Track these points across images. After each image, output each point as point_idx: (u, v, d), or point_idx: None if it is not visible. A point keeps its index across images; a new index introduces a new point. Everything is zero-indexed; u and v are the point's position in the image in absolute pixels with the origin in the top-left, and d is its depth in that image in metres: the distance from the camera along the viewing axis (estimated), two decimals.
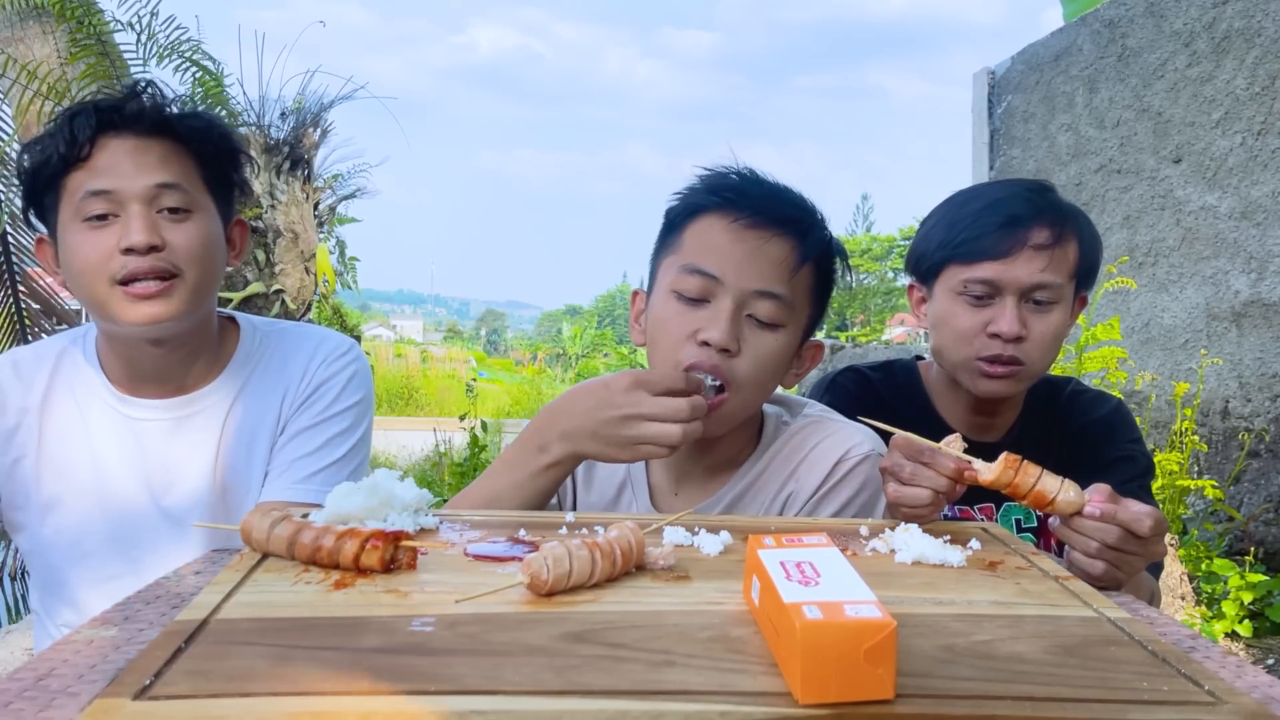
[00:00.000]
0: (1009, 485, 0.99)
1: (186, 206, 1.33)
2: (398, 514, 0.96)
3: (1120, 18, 4.52)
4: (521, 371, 21.42)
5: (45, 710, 0.58)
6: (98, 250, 1.28)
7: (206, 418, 1.44)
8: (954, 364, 1.44)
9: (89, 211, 1.28)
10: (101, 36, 3.25)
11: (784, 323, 1.17)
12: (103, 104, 1.31)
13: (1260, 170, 3.81)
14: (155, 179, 1.30)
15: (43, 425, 1.41)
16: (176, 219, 1.32)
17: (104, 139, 1.29)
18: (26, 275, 4.03)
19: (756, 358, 1.16)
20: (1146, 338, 4.37)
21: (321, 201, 5.61)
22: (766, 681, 0.62)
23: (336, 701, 0.57)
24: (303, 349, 1.49)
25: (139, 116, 1.31)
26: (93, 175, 1.28)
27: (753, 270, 1.15)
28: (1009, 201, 1.40)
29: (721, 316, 1.14)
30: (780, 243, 1.16)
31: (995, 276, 1.36)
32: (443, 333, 53.31)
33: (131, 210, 1.28)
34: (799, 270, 1.17)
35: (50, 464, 1.41)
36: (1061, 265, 1.37)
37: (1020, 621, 0.76)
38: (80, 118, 1.28)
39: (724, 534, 0.96)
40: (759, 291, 1.15)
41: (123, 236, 1.27)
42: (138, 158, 1.30)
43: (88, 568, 1.42)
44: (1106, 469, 1.44)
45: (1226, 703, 0.62)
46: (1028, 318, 1.37)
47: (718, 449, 1.29)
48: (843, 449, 1.23)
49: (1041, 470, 1.00)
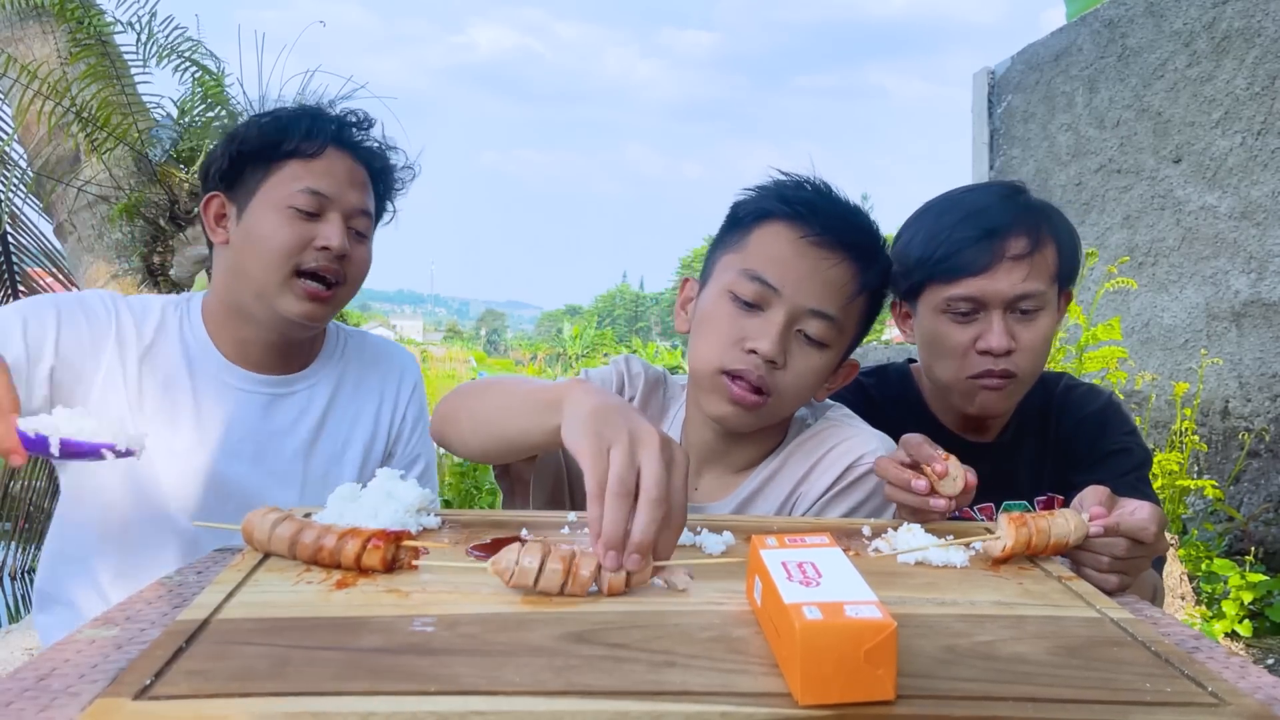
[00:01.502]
0: (1028, 546, 0.93)
1: (364, 230, 1.48)
2: (399, 514, 0.96)
3: (1120, 18, 4.52)
4: (522, 371, 21.42)
5: (46, 710, 0.58)
6: (298, 238, 1.40)
7: (297, 401, 1.53)
8: (946, 383, 1.43)
9: (300, 204, 1.40)
10: (102, 36, 3.24)
11: (831, 343, 1.18)
12: (344, 120, 1.48)
13: (1260, 170, 3.81)
14: (359, 203, 1.46)
15: (142, 375, 1.44)
16: (359, 240, 1.47)
17: (333, 147, 1.44)
18: (26, 275, 4.03)
19: (800, 373, 1.17)
20: (1146, 338, 4.37)
21: None
22: (767, 682, 0.62)
23: (337, 701, 0.57)
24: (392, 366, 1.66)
25: (361, 145, 1.48)
26: (315, 174, 1.41)
27: (811, 288, 1.15)
28: (983, 212, 1.38)
29: (772, 329, 1.14)
30: (843, 267, 1.16)
31: (978, 293, 1.35)
32: (443, 333, 53.32)
33: (335, 217, 1.42)
34: (857, 297, 1.17)
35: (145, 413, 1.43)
36: (1042, 271, 1.36)
37: (1022, 622, 0.76)
38: (322, 121, 1.44)
39: (726, 534, 0.96)
40: (814, 310, 1.15)
41: (325, 236, 1.40)
42: (352, 176, 1.45)
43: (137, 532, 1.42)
44: (1102, 463, 1.45)
45: (1230, 704, 0.62)
46: (1015, 328, 1.36)
47: (740, 450, 1.29)
48: (856, 454, 1.23)
49: (1047, 516, 0.96)
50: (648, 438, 0.82)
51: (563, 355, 24.04)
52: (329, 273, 1.42)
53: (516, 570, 0.76)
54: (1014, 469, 1.50)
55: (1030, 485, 1.51)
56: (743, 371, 1.15)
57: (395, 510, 0.96)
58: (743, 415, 1.18)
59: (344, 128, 1.47)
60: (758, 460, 1.29)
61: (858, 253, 1.17)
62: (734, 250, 1.20)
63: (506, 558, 0.77)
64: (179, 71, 3.33)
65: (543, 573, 0.76)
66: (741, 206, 1.23)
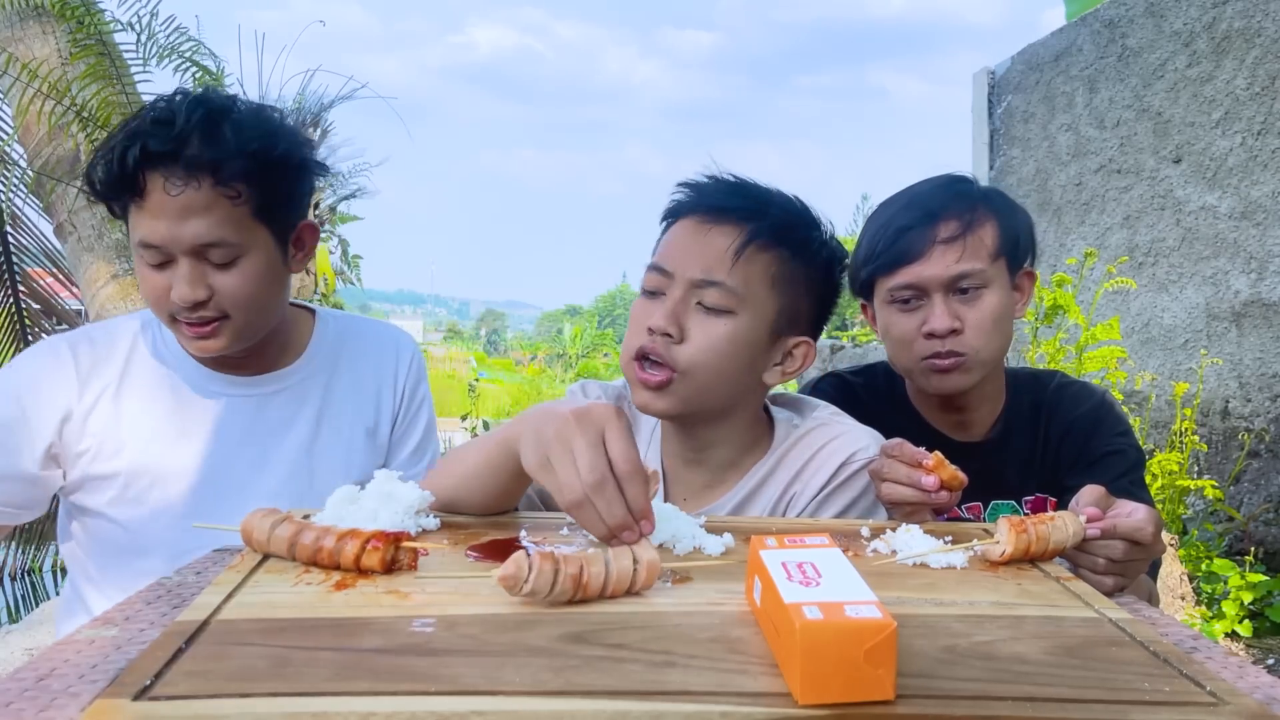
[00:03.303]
0: (1027, 552, 0.93)
1: (233, 255, 1.32)
2: (398, 515, 0.96)
3: (1120, 18, 4.52)
4: (521, 371, 21.43)
5: (46, 710, 0.58)
6: (154, 289, 1.32)
7: (291, 396, 1.49)
8: (905, 369, 1.47)
9: (144, 256, 1.31)
10: (102, 36, 3.25)
11: (733, 309, 1.19)
12: (152, 140, 1.26)
13: (1260, 170, 3.81)
14: (199, 237, 1.28)
15: (121, 404, 1.41)
16: (224, 268, 1.32)
17: (152, 176, 1.26)
18: (26, 275, 4.03)
19: (705, 345, 1.18)
20: (1146, 338, 4.37)
21: (322, 201, 5.61)
22: (767, 682, 0.62)
23: (336, 702, 0.57)
24: (385, 347, 1.60)
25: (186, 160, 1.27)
26: (145, 221, 1.28)
27: (697, 260, 1.19)
28: (915, 202, 1.43)
29: (667, 304, 1.19)
30: (725, 231, 1.20)
31: (914, 279, 1.39)
32: (443, 333, 53.31)
33: (181, 263, 1.30)
34: (742, 255, 1.19)
35: (131, 443, 1.41)
36: (978, 250, 1.38)
37: (1021, 622, 0.76)
38: (130, 152, 1.25)
39: (727, 535, 0.96)
40: (702, 280, 1.18)
41: (174, 290, 1.30)
42: (184, 206, 1.27)
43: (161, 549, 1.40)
44: (1095, 465, 1.44)
45: (1228, 704, 0.62)
46: (959, 309, 1.39)
47: (715, 451, 1.29)
48: (848, 452, 1.23)
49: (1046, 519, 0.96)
50: (567, 430, 0.87)
51: (563, 355, 24.03)
52: (193, 320, 1.32)
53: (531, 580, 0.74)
54: (1002, 468, 1.49)
55: (1018, 485, 1.51)
56: (644, 349, 1.19)
57: (394, 512, 0.96)
58: (656, 398, 1.20)
59: (154, 156, 1.25)
60: (743, 464, 1.29)
61: (739, 215, 1.21)
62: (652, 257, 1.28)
63: (517, 570, 0.74)
64: (179, 71, 3.34)
65: (555, 585, 0.75)
66: (661, 215, 1.30)
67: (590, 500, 0.85)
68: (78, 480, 1.41)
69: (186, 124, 1.26)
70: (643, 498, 0.86)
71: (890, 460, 1.14)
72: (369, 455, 1.55)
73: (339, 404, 1.53)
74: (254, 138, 1.30)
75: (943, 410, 1.51)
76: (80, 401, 1.40)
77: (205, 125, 1.28)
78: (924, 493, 1.10)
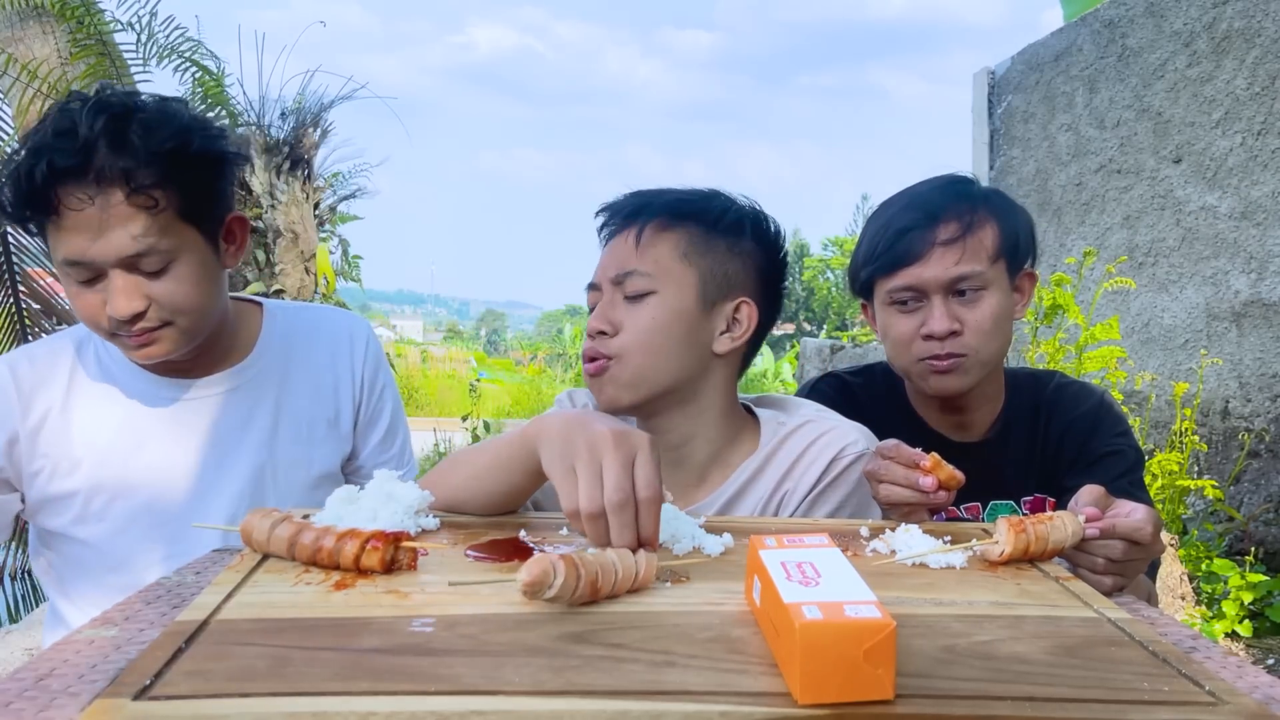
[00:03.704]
0: (1026, 552, 0.93)
1: (165, 262, 1.27)
2: (398, 515, 0.96)
3: (1120, 18, 4.52)
4: (522, 371, 21.43)
5: (45, 710, 0.58)
6: (88, 307, 1.27)
7: (245, 393, 1.46)
8: (904, 370, 1.48)
9: (71, 274, 1.25)
10: (102, 36, 3.25)
11: (651, 289, 1.25)
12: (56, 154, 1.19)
13: (1260, 170, 3.81)
14: (123, 249, 1.22)
15: (70, 420, 1.38)
16: (157, 275, 1.27)
17: (63, 191, 1.19)
18: (26, 275, 4.03)
19: (634, 327, 1.25)
20: (1146, 338, 4.37)
21: (322, 201, 5.61)
22: (767, 682, 0.62)
23: (336, 702, 0.57)
24: (339, 333, 1.57)
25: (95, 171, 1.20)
26: (64, 239, 1.22)
27: (610, 263, 1.28)
28: (915, 203, 1.43)
29: (597, 309, 1.28)
30: (627, 231, 1.28)
31: (914, 281, 1.39)
32: (443, 333, 53.31)
33: (111, 276, 1.24)
34: (642, 240, 1.26)
35: (86, 459, 1.38)
36: (978, 252, 1.39)
37: (1021, 622, 0.76)
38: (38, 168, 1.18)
39: (726, 536, 0.96)
40: (617, 276, 1.26)
41: (110, 304, 1.24)
42: (101, 218, 1.20)
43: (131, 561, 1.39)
44: (1095, 465, 1.44)
45: (1227, 703, 0.62)
46: (959, 310, 1.39)
47: (691, 447, 1.29)
48: (838, 447, 1.24)
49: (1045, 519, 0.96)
50: (602, 446, 0.88)
51: (563, 355, 24.03)
52: (134, 332, 1.28)
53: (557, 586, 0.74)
54: (1001, 468, 1.49)
55: (1017, 485, 1.51)
56: (586, 351, 1.28)
57: (394, 512, 0.96)
58: (602, 387, 1.26)
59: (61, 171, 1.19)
60: (725, 459, 1.30)
61: (634, 213, 1.29)
62: None
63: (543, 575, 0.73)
64: (179, 71, 3.34)
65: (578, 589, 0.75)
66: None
67: (607, 518, 0.86)
68: (37, 502, 1.39)
69: (90, 132, 1.20)
70: (654, 525, 0.88)
71: (887, 462, 1.14)
72: (332, 446, 1.52)
73: (296, 396, 1.49)
74: (164, 138, 1.24)
75: (942, 411, 1.51)
76: (25, 422, 1.36)
77: (110, 132, 1.21)
78: (922, 493, 1.10)
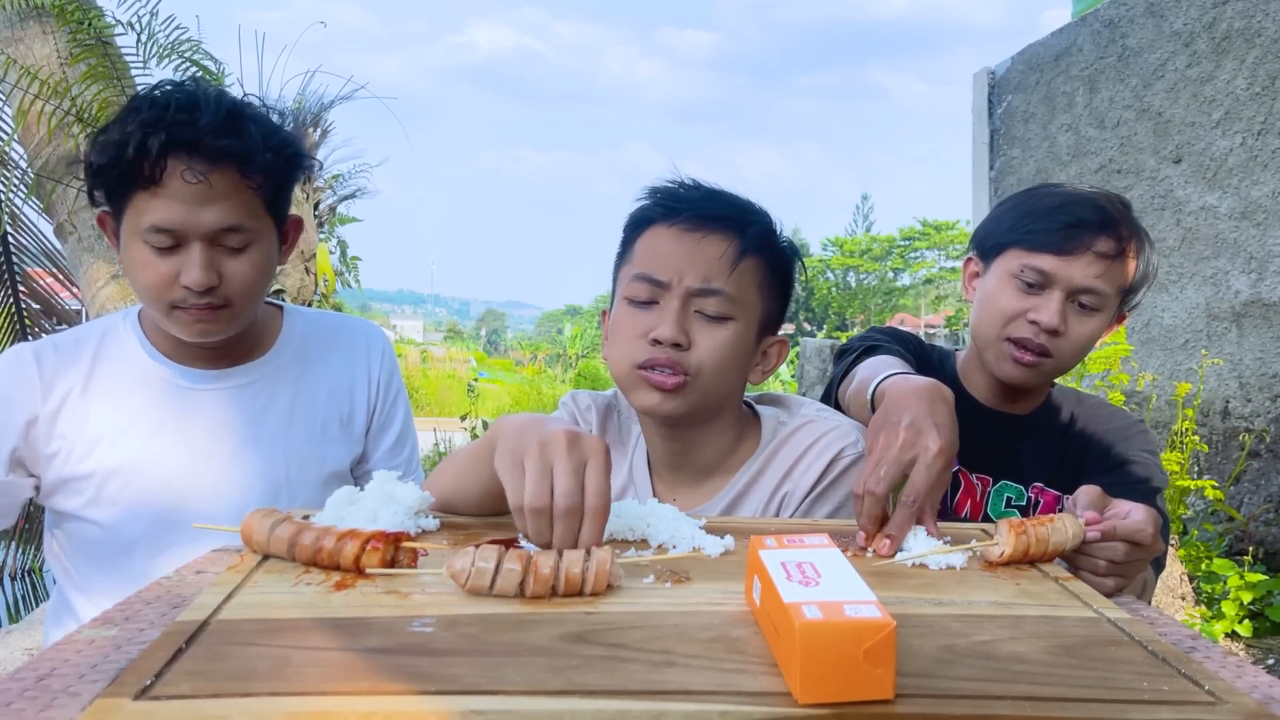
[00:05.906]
0: (1026, 553, 0.93)
1: (247, 242, 1.35)
2: (398, 516, 0.96)
3: (1120, 18, 4.52)
4: (522, 371, 21.42)
5: (46, 710, 0.58)
6: (159, 276, 1.32)
7: (263, 387, 1.49)
8: (985, 340, 1.48)
9: (153, 241, 1.30)
10: (102, 37, 3.25)
11: (732, 315, 1.21)
12: (177, 128, 1.27)
13: (1260, 170, 3.81)
14: (221, 220, 1.31)
15: (89, 404, 1.42)
16: (235, 254, 1.35)
17: (174, 162, 1.27)
18: (26, 275, 4.03)
19: (710, 350, 1.20)
20: (1146, 338, 4.37)
21: (322, 201, 5.61)
22: (767, 681, 0.62)
23: (336, 701, 0.57)
24: (356, 338, 1.61)
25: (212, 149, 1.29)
26: (159, 206, 1.28)
27: (694, 269, 1.19)
28: (1085, 205, 1.44)
29: (669, 315, 1.19)
30: (718, 240, 1.20)
31: (1051, 269, 1.40)
32: (443, 333, 53.28)
33: (193, 247, 1.31)
34: (739, 264, 1.20)
35: (102, 442, 1.41)
36: (1116, 276, 1.41)
37: (1020, 622, 0.77)
38: (152, 139, 1.26)
39: (727, 537, 0.96)
40: (702, 289, 1.19)
41: (183, 271, 1.31)
42: (205, 192, 1.29)
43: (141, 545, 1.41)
44: (1116, 470, 1.47)
45: (1227, 703, 0.62)
46: (1069, 316, 1.41)
47: (701, 450, 1.29)
48: (837, 448, 1.24)
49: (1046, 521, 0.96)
50: (555, 445, 0.87)
51: (563, 355, 24.01)
52: (200, 305, 1.33)
53: (472, 572, 0.77)
54: (1020, 451, 1.53)
55: (1030, 470, 1.54)
56: (653, 360, 1.19)
57: (394, 512, 0.96)
58: (667, 400, 1.20)
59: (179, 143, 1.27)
60: (731, 464, 1.30)
61: (728, 224, 1.22)
62: (626, 264, 1.27)
63: (461, 562, 0.77)
64: (179, 72, 3.34)
65: (499, 573, 0.76)
66: (626, 225, 1.30)
67: (552, 520, 0.85)
68: (53, 483, 1.42)
69: (215, 115, 1.30)
70: (598, 534, 0.86)
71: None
72: (345, 446, 1.55)
73: (311, 395, 1.53)
74: (273, 132, 1.37)
75: (993, 395, 1.55)
76: (45, 405, 1.40)
77: (232, 117, 1.32)
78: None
